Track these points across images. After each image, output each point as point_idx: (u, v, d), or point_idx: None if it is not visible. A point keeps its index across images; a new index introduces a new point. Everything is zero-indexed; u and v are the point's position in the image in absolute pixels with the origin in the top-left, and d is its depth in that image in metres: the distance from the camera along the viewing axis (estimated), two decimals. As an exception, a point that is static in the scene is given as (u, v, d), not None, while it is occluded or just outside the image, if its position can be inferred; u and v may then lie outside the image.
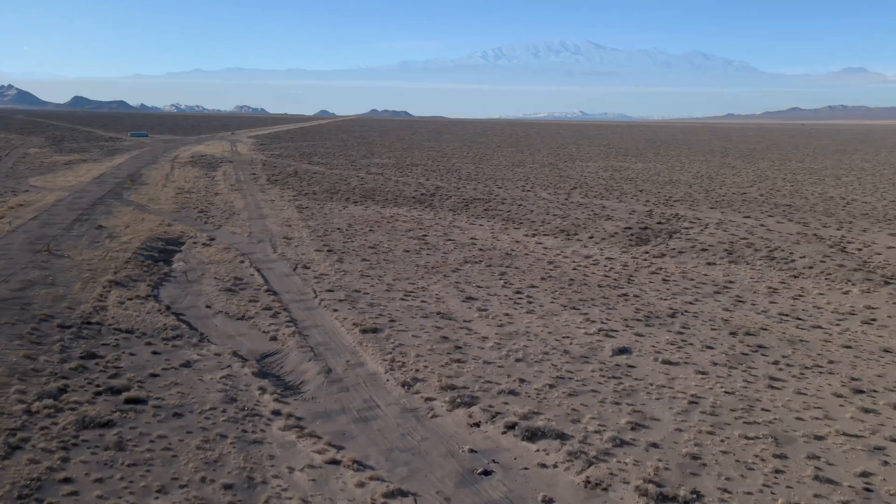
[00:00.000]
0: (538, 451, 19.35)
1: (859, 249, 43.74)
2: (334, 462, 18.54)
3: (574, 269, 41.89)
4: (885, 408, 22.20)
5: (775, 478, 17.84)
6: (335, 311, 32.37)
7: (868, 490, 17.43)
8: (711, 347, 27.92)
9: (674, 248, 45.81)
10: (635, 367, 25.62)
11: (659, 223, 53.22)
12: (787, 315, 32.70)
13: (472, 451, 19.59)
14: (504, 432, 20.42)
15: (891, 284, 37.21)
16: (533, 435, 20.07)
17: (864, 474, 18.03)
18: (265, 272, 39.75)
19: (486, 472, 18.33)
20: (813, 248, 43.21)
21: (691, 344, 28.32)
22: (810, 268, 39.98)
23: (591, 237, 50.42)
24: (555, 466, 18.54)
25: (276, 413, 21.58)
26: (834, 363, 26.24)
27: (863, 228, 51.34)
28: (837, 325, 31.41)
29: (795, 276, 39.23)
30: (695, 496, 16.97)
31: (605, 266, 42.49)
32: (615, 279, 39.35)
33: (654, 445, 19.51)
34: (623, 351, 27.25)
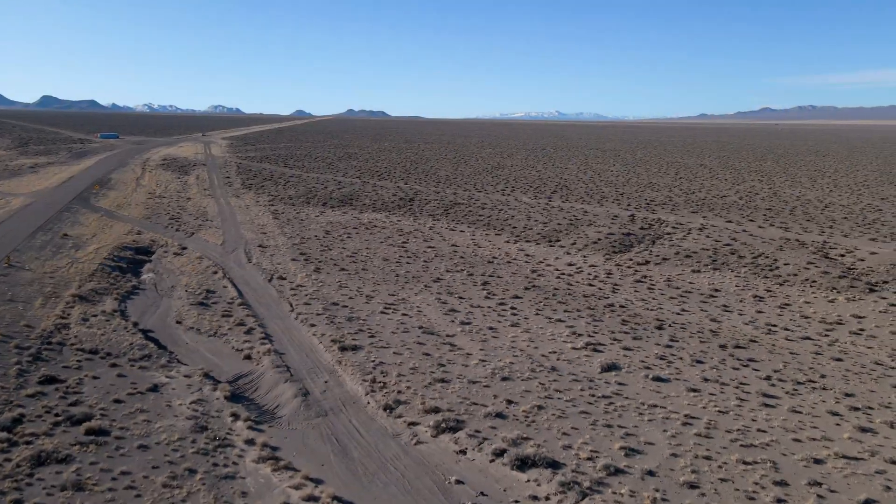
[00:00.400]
0: (529, 481, 18.32)
1: (842, 255, 43.57)
2: (312, 500, 17.29)
3: (558, 277, 41.03)
4: (882, 426, 21.59)
5: (778, 508, 17.04)
6: (312, 325, 31.04)
7: (874, 520, 16.73)
8: (701, 362, 27.18)
9: (658, 255, 45.22)
10: (626, 385, 24.74)
11: (642, 228, 52.68)
12: (774, 325, 32.15)
13: (458, 482, 18.51)
14: (492, 460, 19.36)
15: (875, 291, 36.96)
16: (523, 463, 19.02)
17: (867, 503, 17.31)
18: (239, 283, 38.23)
19: (475, 508, 17.26)
20: (797, 254, 42.91)
21: (681, 358, 27.55)
22: (795, 275, 39.63)
23: (573, 244, 49.66)
24: (547, 499, 17.52)
25: (250, 442, 20.26)
26: (826, 377, 25.65)
27: (844, 233, 51.31)
28: (826, 335, 30.93)
29: (781, 284, 38.81)
30: (696, 531, 16.10)
31: (590, 274, 41.69)
32: (600, 288, 38.56)
33: (650, 473, 18.60)
34: (612, 367, 26.36)
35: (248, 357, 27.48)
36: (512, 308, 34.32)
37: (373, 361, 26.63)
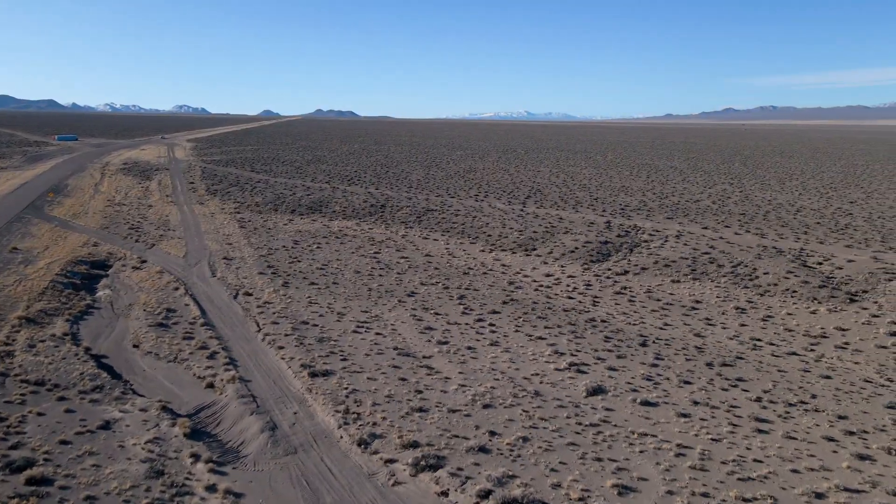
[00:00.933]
0: (518, 528, 16.93)
1: (820, 263, 43.25)
2: (281, 559, 15.66)
3: (536, 290, 39.83)
4: (880, 453, 20.74)
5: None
6: (281, 348, 29.22)
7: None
8: (689, 382, 26.15)
9: (636, 265, 44.36)
10: (613, 411, 23.54)
11: (619, 236, 51.86)
12: (759, 340, 31.38)
13: (441, 530, 17.06)
14: (477, 503, 17.93)
15: (856, 301, 36.55)
16: (510, 507, 17.64)
17: (876, 543, 16.32)
18: (202, 301, 36.16)
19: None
20: (775, 262, 42.43)
21: (668, 378, 26.50)
22: (775, 284, 39.07)
23: (550, 252, 48.57)
24: (538, 549, 16.16)
25: (211, 489, 18.47)
26: (817, 398, 24.82)
27: (819, 239, 51.19)
28: (812, 350, 30.24)
29: (761, 295, 38.19)
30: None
31: (569, 286, 40.59)
32: (580, 301, 37.45)
33: (647, 515, 17.39)
34: (598, 390, 25.15)
35: (210, 385, 25.60)
36: (490, 325, 32.95)
37: (345, 389, 24.99)
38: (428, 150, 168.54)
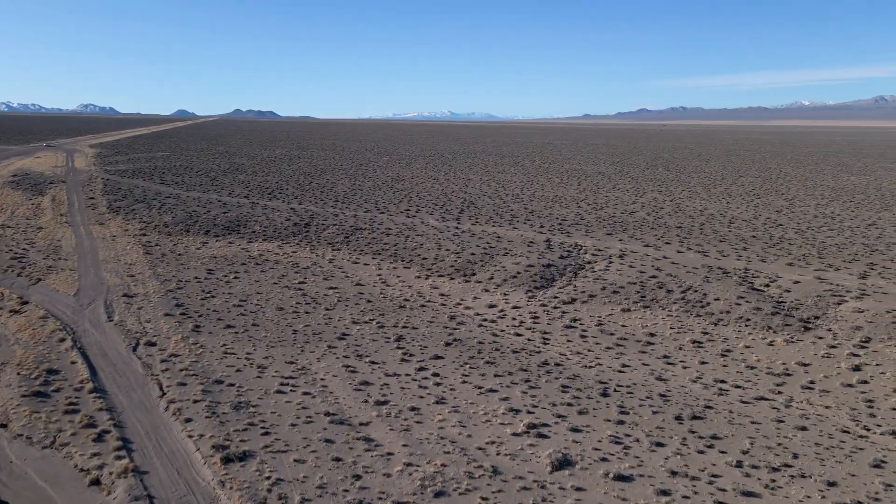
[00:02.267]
0: None
1: (767, 286, 42.07)
2: None
3: (481, 325, 36.50)
4: (884, 533, 18.50)
5: None
6: (188, 421, 24.48)
7: None
8: (662, 444, 23.38)
9: (583, 291, 41.82)
10: (584, 491, 20.36)
11: (561, 257, 49.35)
12: (724, 382, 29.18)
13: None
14: None
15: (811, 330, 35.23)
16: None
17: None
18: (94, 356, 30.67)
19: None
20: (724, 286, 40.88)
21: (637, 440, 23.65)
22: (727, 312, 37.38)
23: (491, 278, 45.41)
24: None
25: None
26: (799, 458, 22.56)
27: (760, 257, 50.40)
28: (779, 392, 28.28)
29: (715, 324, 36.36)
30: None
31: (514, 319, 37.48)
32: (529, 339, 34.37)
33: None
34: (564, 463, 21.92)
35: (95, 482, 20.65)
36: (434, 374, 29.28)
37: (267, 478, 20.67)
38: (353, 156, 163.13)
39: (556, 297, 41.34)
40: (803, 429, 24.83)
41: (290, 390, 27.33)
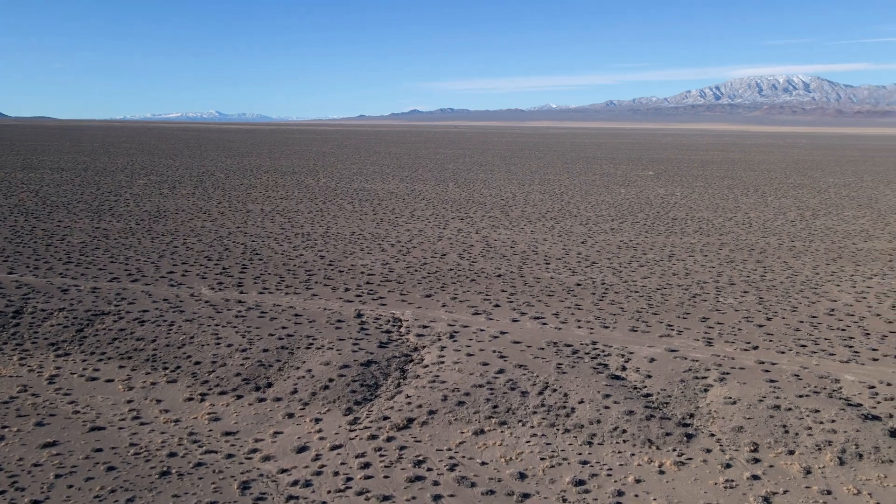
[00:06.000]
0: None
1: (623, 368, 36.42)
2: None
3: (289, 500, 25.04)
4: None
5: None
6: None
7: None
8: None
9: (419, 404, 32.29)
10: None
11: (381, 345, 39.28)
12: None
13: None
14: None
15: (693, 437, 29.73)
16: None
17: None
18: None
19: None
20: (582, 380, 34.22)
21: None
22: (598, 422, 30.55)
23: (294, 392, 33.88)
24: None
25: None
26: None
27: (599, 318, 45.32)
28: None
29: (590, 443, 29.23)
30: None
31: (338, 476, 26.56)
32: (366, 523, 23.84)
33: None
34: None
35: None
36: None
37: None
38: (98, 178, 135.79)
39: (386, 419, 31.26)
40: None
41: None
